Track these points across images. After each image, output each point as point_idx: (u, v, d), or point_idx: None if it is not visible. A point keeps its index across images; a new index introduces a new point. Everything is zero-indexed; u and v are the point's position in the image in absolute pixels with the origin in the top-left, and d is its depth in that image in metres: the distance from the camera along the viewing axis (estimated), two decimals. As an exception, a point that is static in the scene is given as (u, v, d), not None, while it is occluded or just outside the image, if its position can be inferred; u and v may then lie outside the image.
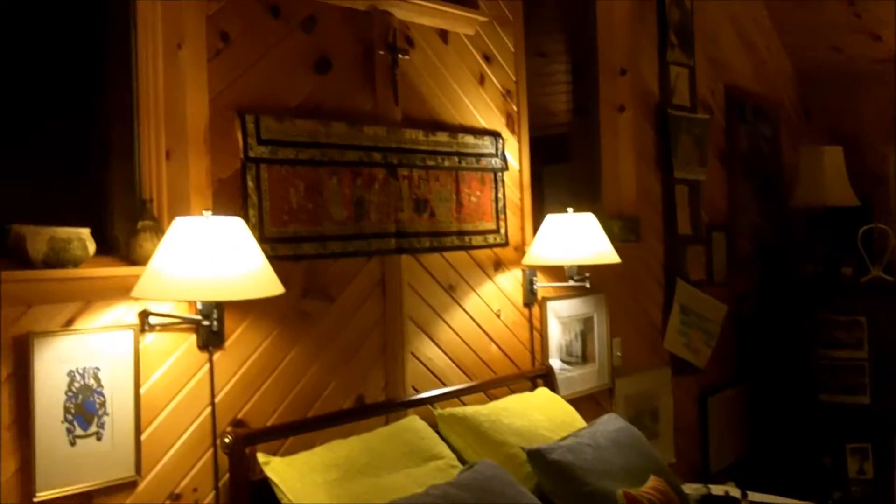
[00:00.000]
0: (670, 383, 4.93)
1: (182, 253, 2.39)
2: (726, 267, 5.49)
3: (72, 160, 2.68)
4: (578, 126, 4.81)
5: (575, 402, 3.81)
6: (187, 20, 2.68)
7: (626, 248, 4.26)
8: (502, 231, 3.76)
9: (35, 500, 2.30)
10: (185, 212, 2.65)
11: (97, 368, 2.45)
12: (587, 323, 4.28)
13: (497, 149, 3.74)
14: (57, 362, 2.37)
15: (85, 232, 2.45)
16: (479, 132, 3.69)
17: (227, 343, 2.76)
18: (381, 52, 3.27)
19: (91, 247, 2.46)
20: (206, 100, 2.72)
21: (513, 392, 3.68)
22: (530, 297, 3.91)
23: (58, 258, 2.38)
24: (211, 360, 2.70)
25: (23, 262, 2.37)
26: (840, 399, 5.31)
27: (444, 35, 3.57)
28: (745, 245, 5.73)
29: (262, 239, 2.80)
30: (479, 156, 3.65)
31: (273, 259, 2.63)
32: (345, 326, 3.13)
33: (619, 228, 4.49)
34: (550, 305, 4.01)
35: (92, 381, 2.44)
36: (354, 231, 3.15)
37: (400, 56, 3.33)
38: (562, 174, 4.72)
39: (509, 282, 3.83)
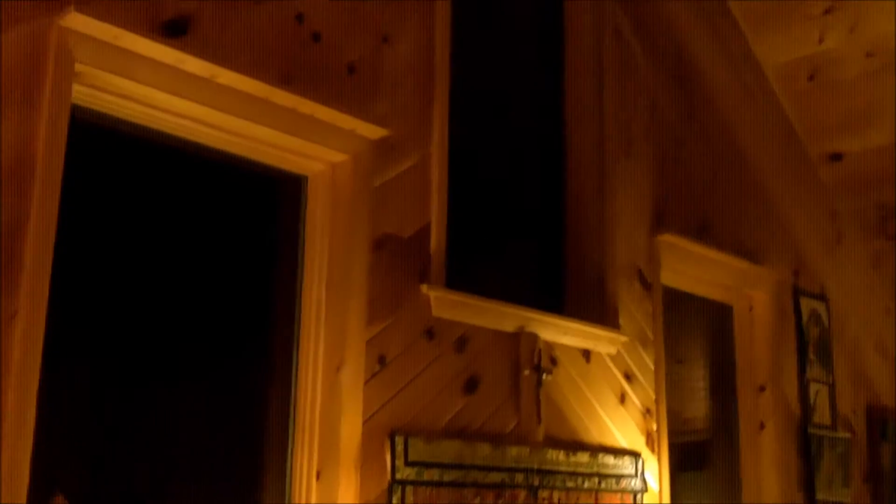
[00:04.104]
0: None
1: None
2: None
3: (222, 479, 2.75)
4: (716, 438, 4.71)
5: None
6: (349, 344, 2.80)
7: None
8: (641, 556, 3.63)
9: None
10: (332, 534, 2.66)
11: None
12: None
13: (637, 470, 3.67)
14: None
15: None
16: (619, 452, 3.64)
17: None
18: (527, 372, 3.33)
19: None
20: (359, 421, 2.78)
21: None
22: None
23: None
24: None
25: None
26: None
27: (586, 354, 3.63)
28: (894, 573, 5.36)
29: (404, 563, 2.77)
30: (619, 477, 3.59)
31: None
32: None
33: (762, 554, 4.28)
34: None
35: None
36: (493, 554, 3.09)
37: (544, 375, 3.38)
38: (697, 483, 4.59)
39: None
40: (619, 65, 4.08)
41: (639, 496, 3.65)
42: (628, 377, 3.80)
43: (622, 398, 3.75)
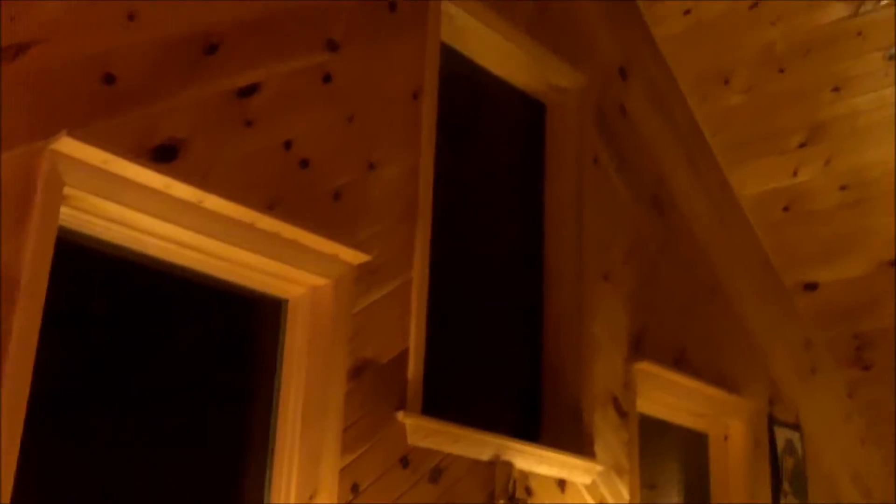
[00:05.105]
0: None
1: None
2: None
3: None
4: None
5: None
6: (323, 472, 2.77)
7: None
8: None
9: None
10: None
11: None
12: None
13: None
14: None
15: None
16: (593, 585, 3.59)
17: None
18: (502, 503, 3.30)
19: None
20: (331, 552, 2.74)
21: None
22: None
23: None
24: None
25: None
26: None
27: (561, 484, 3.59)
28: None
29: None
30: None
31: None
32: None
33: None
34: None
35: None
36: None
37: (519, 507, 3.35)
38: None
39: None
40: (599, 192, 4.15)
41: None
42: (604, 511, 3.77)
43: (598, 531, 3.71)
